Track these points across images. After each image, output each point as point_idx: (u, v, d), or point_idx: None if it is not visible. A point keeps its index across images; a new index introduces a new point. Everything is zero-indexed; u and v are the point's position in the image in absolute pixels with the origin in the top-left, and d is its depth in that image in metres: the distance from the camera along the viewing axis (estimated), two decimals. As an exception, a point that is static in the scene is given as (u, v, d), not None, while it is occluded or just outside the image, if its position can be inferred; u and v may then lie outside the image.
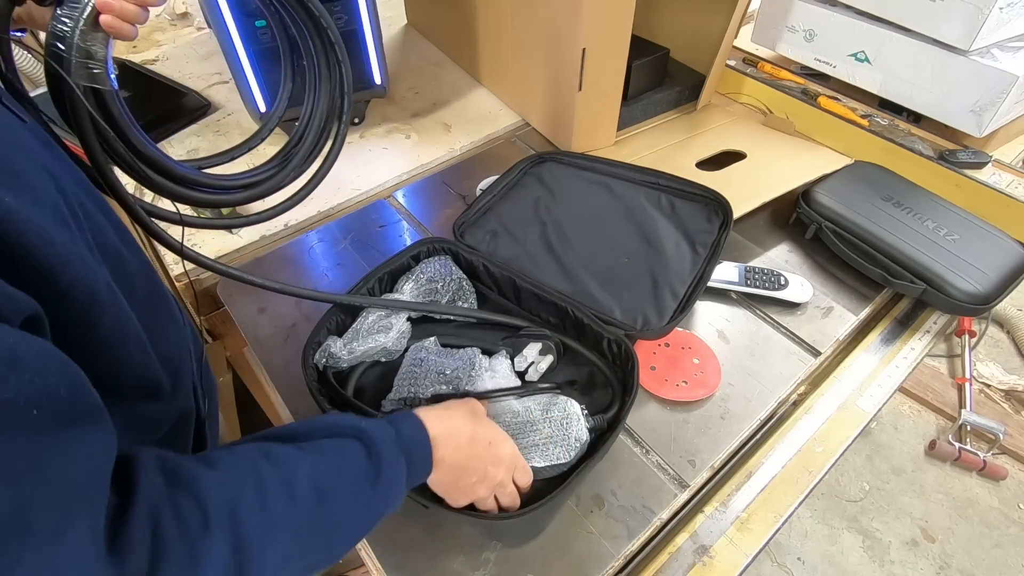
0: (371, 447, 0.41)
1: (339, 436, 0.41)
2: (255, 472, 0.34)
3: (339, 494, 0.38)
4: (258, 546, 0.32)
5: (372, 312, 0.66)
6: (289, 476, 0.36)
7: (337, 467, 0.39)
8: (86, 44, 0.39)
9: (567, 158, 0.89)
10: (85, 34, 0.39)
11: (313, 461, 0.38)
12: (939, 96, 0.88)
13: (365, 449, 0.41)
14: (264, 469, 0.35)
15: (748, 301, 0.75)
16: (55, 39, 0.39)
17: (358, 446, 0.41)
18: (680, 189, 0.83)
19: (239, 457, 0.35)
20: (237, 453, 0.36)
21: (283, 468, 0.36)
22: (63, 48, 0.39)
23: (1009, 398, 1.68)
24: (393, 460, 0.42)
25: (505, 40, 0.96)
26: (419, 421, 0.47)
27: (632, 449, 0.61)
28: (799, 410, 0.66)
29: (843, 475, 1.56)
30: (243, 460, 0.35)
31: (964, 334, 1.67)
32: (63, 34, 0.39)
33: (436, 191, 0.91)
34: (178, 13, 1.28)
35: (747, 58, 1.11)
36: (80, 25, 0.39)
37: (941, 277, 0.71)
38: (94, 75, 0.40)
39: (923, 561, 1.41)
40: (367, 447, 0.41)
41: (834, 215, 0.79)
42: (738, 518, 0.58)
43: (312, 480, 0.36)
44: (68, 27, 0.39)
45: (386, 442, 0.42)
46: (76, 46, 0.39)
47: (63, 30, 0.39)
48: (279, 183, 0.60)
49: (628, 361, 0.62)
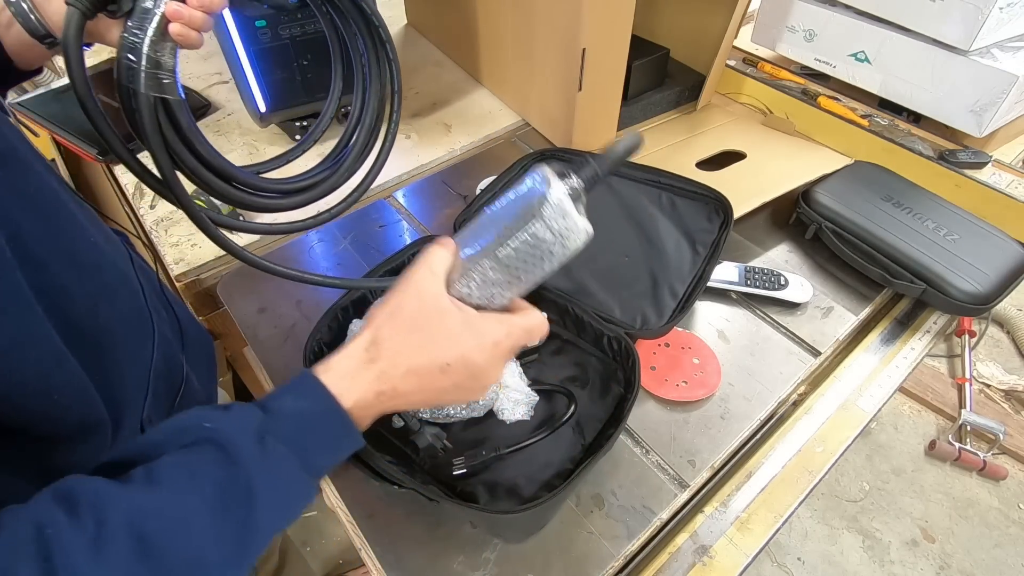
0: (227, 449, 0.31)
1: (188, 445, 0.32)
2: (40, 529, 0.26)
3: (183, 532, 0.29)
4: None
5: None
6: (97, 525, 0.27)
7: (172, 499, 0.29)
8: (156, 54, 0.40)
9: (567, 156, 0.89)
10: (155, 44, 0.40)
11: (136, 496, 0.29)
12: (939, 96, 0.88)
13: (220, 454, 0.31)
14: (55, 522, 0.26)
15: (748, 301, 0.75)
16: (127, 51, 0.39)
17: (212, 452, 0.31)
18: (681, 188, 0.83)
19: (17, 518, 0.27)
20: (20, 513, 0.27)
21: (89, 513, 0.27)
22: (134, 59, 0.39)
23: (1009, 398, 1.68)
24: (262, 459, 0.32)
25: (505, 40, 0.96)
26: (314, 383, 0.35)
27: (632, 449, 0.61)
28: (799, 410, 0.66)
29: (843, 475, 1.56)
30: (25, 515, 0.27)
31: (964, 334, 1.67)
32: (134, 45, 0.39)
33: (436, 191, 0.91)
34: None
35: (747, 58, 1.11)
36: (150, 35, 0.39)
37: (941, 277, 0.71)
38: (163, 85, 0.41)
39: (923, 561, 1.41)
40: (222, 450, 0.31)
41: (834, 215, 0.79)
42: (738, 518, 0.58)
43: (131, 524, 0.27)
44: (139, 38, 0.39)
45: (246, 435, 0.32)
46: (146, 56, 0.39)
47: (134, 41, 0.39)
48: (334, 185, 0.59)
49: (629, 359, 0.62)
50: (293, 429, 0.34)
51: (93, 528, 0.27)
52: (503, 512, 0.52)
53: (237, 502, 0.31)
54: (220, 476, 0.31)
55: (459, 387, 0.39)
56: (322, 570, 1.36)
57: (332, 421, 0.35)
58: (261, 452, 0.32)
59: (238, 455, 0.31)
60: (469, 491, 0.56)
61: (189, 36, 0.41)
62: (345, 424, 0.35)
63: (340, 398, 0.35)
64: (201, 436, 0.32)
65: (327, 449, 0.36)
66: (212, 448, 0.32)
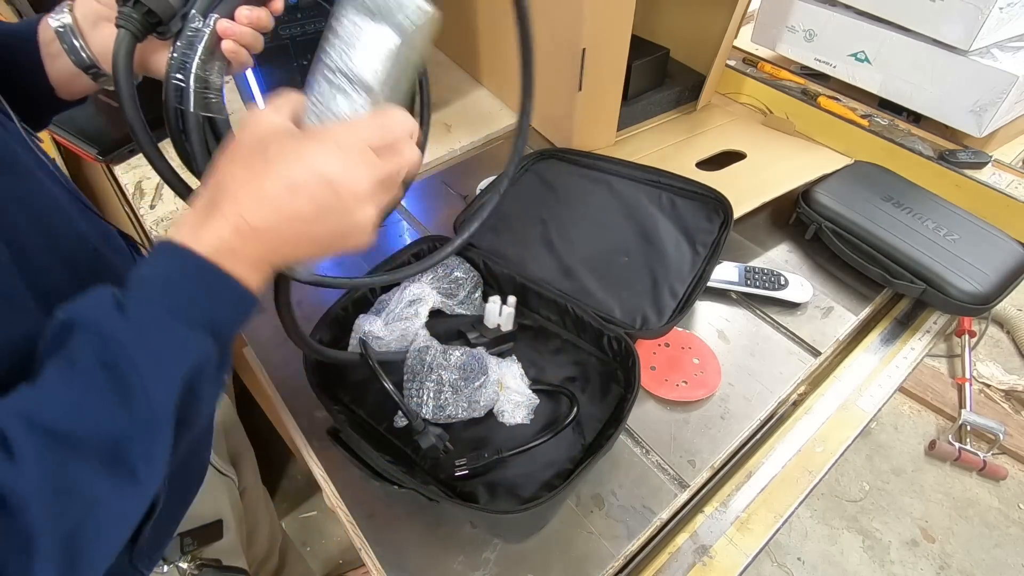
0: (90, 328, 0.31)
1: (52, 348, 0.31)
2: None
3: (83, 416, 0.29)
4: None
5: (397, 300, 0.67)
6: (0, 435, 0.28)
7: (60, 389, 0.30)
8: (205, 73, 0.40)
9: (568, 155, 0.89)
10: (204, 63, 0.40)
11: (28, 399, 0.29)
12: (939, 96, 0.88)
13: (86, 335, 0.31)
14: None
15: (748, 301, 0.75)
16: (176, 70, 0.39)
17: (79, 337, 0.31)
18: (681, 187, 0.83)
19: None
20: None
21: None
22: (182, 79, 0.39)
23: (1009, 398, 1.68)
24: (124, 323, 0.31)
25: (505, 40, 0.96)
26: (162, 245, 0.34)
27: (632, 449, 0.61)
28: (799, 410, 0.66)
29: (843, 475, 1.56)
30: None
31: (964, 334, 1.67)
32: (184, 64, 0.39)
33: (436, 191, 0.91)
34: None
35: (747, 58, 1.11)
36: (199, 54, 0.39)
37: (941, 277, 0.71)
38: (210, 104, 0.40)
39: (923, 561, 1.41)
40: (86, 330, 0.31)
41: (834, 215, 0.79)
42: (738, 518, 0.58)
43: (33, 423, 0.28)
44: (188, 57, 0.39)
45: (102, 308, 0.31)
46: (195, 76, 0.39)
47: (184, 61, 0.39)
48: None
49: (629, 358, 0.62)
50: (151, 290, 0.33)
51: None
52: (503, 512, 0.52)
53: (121, 368, 0.30)
54: (91, 352, 0.30)
55: (325, 208, 0.34)
56: (322, 570, 1.36)
57: (193, 270, 0.33)
58: (122, 317, 0.31)
59: (100, 326, 0.31)
60: (469, 491, 0.56)
61: (240, 54, 0.40)
62: (210, 271, 0.33)
63: (194, 247, 0.33)
64: (59, 332, 0.31)
65: (200, 296, 0.33)
66: (73, 332, 0.31)
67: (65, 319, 0.31)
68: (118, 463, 0.30)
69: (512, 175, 0.55)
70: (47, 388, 0.30)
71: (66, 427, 0.29)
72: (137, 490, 0.31)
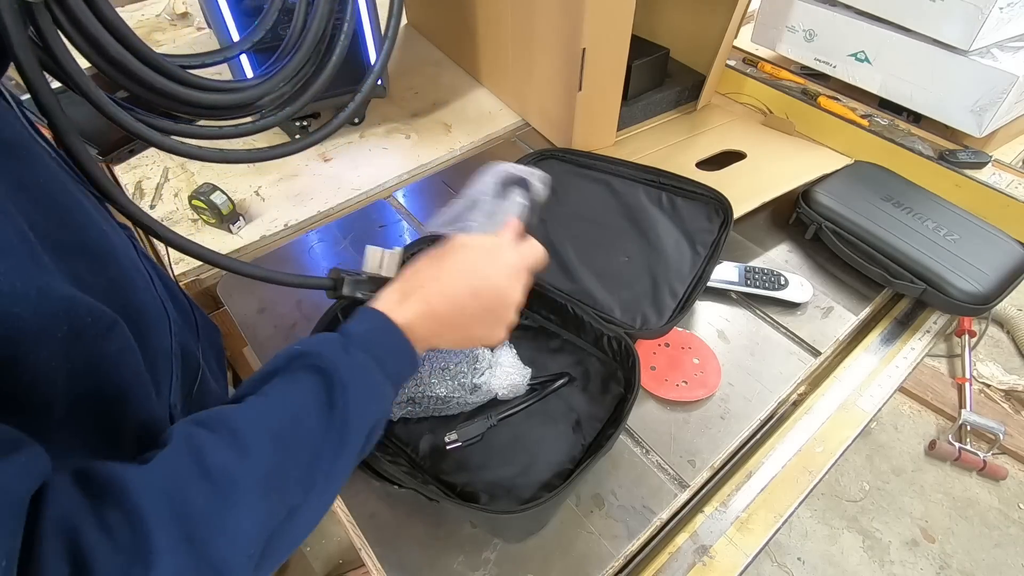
0: (318, 359, 0.37)
1: (281, 372, 0.38)
2: (189, 442, 0.31)
3: (300, 426, 0.35)
4: (215, 518, 0.29)
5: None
6: (232, 432, 0.32)
7: (286, 401, 0.36)
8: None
9: (568, 155, 0.89)
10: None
11: (256, 407, 0.35)
12: (939, 96, 0.88)
13: (313, 363, 0.37)
14: (199, 436, 0.32)
15: (748, 301, 0.75)
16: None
17: (307, 365, 0.37)
18: (681, 187, 0.83)
19: (171, 436, 0.32)
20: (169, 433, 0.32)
21: (223, 427, 0.33)
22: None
23: (1009, 398, 1.68)
24: (349, 362, 0.38)
25: (505, 40, 0.96)
26: (370, 311, 0.43)
27: (632, 449, 0.61)
28: (799, 410, 0.66)
29: (843, 475, 1.56)
30: (175, 438, 0.32)
31: (964, 334, 1.67)
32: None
33: (436, 191, 0.91)
34: (178, 13, 1.28)
35: (747, 58, 1.11)
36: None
37: (941, 277, 0.71)
38: None
39: (923, 561, 1.41)
40: (314, 360, 0.37)
41: (834, 215, 0.79)
42: (738, 518, 0.58)
43: (260, 426, 0.33)
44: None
45: (332, 346, 0.39)
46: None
47: None
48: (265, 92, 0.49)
49: (629, 358, 0.62)
50: (365, 342, 0.40)
51: (229, 436, 0.32)
52: (503, 512, 0.52)
53: (336, 395, 0.36)
54: (318, 378, 0.37)
55: (489, 311, 0.45)
56: (322, 570, 1.36)
57: (392, 334, 0.42)
58: (347, 358, 0.38)
59: (328, 362, 0.37)
60: (469, 491, 0.56)
61: None
62: (401, 338, 0.42)
63: (394, 318, 0.42)
64: (295, 360, 0.38)
65: (395, 357, 0.41)
66: (306, 361, 0.37)
67: (300, 349, 0.38)
68: (311, 474, 0.35)
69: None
70: (276, 398, 0.36)
71: (288, 431, 0.34)
72: (319, 502, 0.36)
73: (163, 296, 0.47)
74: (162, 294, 0.47)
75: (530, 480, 0.57)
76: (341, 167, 0.94)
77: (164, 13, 1.28)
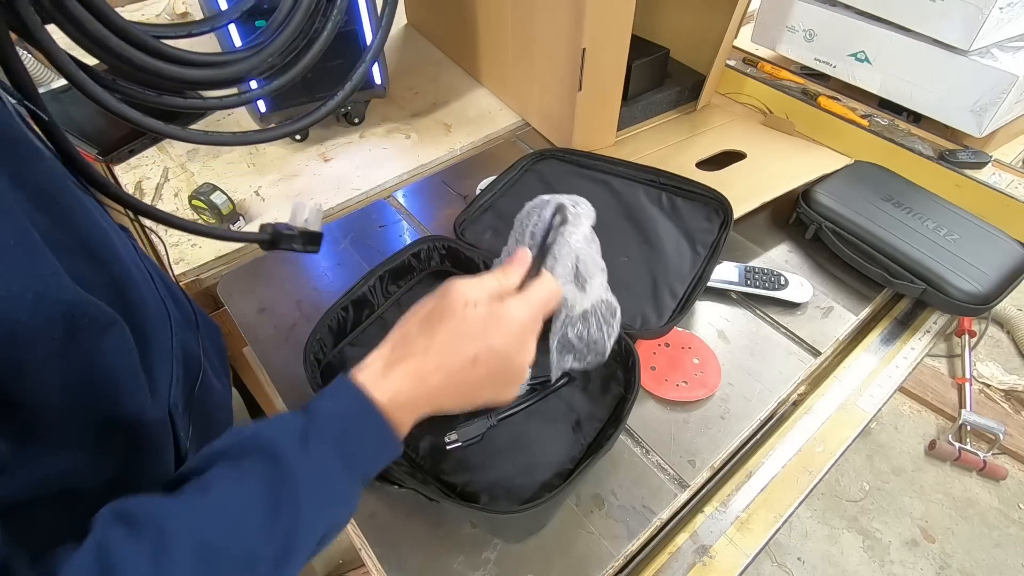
0: (271, 451, 0.33)
1: (235, 455, 0.33)
2: (101, 549, 0.27)
3: (236, 535, 0.31)
4: None
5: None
6: (158, 536, 0.28)
7: (225, 501, 0.31)
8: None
9: (568, 155, 0.89)
10: None
11: (193, 505, 0.30)
12: (939, 96, 0.88)
13: (265, 456, 0.33)
14: (115, 543, 0.27)
15: (748, 301, 0.75)
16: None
17: (258, 456, 0.33)
18: (681, 188, 0.83)
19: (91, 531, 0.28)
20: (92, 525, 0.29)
21: (151, 526, 0.29)
22: None
23: (1009, 398, 1.68)
24: (305, 458, 0.33)
25: (505, 40, 0.96)
26: (348, 385, 0.37)
27: (632, 449, 0.61)
28: (799, 410, 0.66)
29: (843, 475, 1.57)
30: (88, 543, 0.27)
31: (964, 334, 1.67)
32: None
33: (436, 191, 0.91)
34: (178, 13, 1.28)
35: (747, 58, 1.11)
36: None
37: (941, 277, 0.71)
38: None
39: (923, 561, 1.41)
40: (266, 453, 0.33)
41: (834, 215, 0.79)
42: (738, 518, 0.58)
43: (189, 533, 0.29)
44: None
45: (289, 436, 0.34)
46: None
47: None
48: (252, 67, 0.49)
49: (629, 358, 0.62)
50: (333, 429, 0.35)
51: (151, 541, 0.28)
52: (503, 512, 0.52)
53: (285, 500, 0.32)
54: (266, 477, 0.32)
55: (493, 376, 0.40)
56: (322, 570, 1.36)
57: (367, 418, 0.36)
58: (304, 452, 0.33)
59: (283, 456, 0.33)
60: (469, 491, 0.56)
61: None
62: (381, 424, 0.36)
63: (375, 395, 0.36)
64: (247, 445, 0.33)
65: (367, 449, 0.36)
66: (258, 452, 0.33)
67: (254, 432, 0.34)
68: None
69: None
70: (215, 496, 0.31)
71: (218, 544, 0.30)
72: None
73: (164, 295, 0.47)
74: (163, 293, 0.47)
75: (530, 480, 0.57)
76: (341, 167, 0.94)
77: (164, 13, 1.28)
